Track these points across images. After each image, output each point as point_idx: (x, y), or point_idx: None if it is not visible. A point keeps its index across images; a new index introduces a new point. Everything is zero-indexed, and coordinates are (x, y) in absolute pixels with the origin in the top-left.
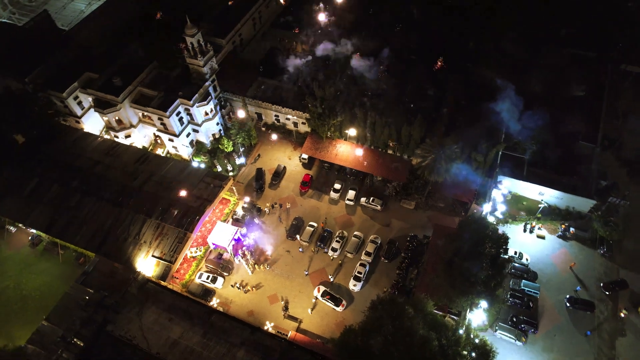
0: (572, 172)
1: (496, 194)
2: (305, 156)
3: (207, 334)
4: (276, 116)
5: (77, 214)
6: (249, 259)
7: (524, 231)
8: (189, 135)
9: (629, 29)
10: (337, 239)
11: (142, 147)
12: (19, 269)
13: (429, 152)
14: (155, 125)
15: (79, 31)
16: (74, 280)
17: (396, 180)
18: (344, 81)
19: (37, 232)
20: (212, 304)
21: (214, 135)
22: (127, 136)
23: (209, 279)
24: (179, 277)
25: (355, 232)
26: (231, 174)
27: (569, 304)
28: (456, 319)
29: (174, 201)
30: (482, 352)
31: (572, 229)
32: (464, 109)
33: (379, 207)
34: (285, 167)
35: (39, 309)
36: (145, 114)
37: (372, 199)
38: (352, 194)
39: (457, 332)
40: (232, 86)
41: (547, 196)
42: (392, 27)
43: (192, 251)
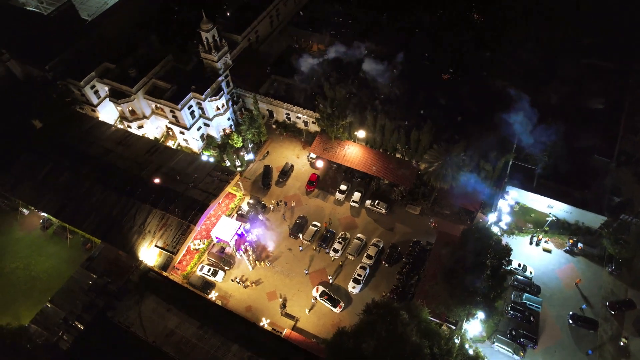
0: (584, 186)
1: (502, 204)
2: (313, 155)
3: (204, 326)
4: (287, 114)
5: (86, 201)
6: (250, 254)
7: (530, 244)
8: (199, 128)
9: None
10: (339, 240)
11: (154, 138)
12: (29, 251)
13: (436, 158)
14: (167, 117)
15: (100, 22)
16: (79, 264)
17: (403, 184)
18: (356, 83)
19: (48, 216)
20: (211, 297)
21: (224, 130)
22: (140, 127)
23: (210, 272)
24: (180, 269)
25: (358, 235)
26: (239, 169)
27: (571, 321)
28: (453, 327)
29: (180, 193)
30: None
31: (580, 245)
32: (475, 117)
33: (384, 211)
34: (292, 166)
35: (45, 290)
36: (158, 105)
37: (377, 202)
38: (357, 195)
39: (451, 341)
40: (246, 82)
41: (556, 209)
42: (410, 32)
43: (196, 243)
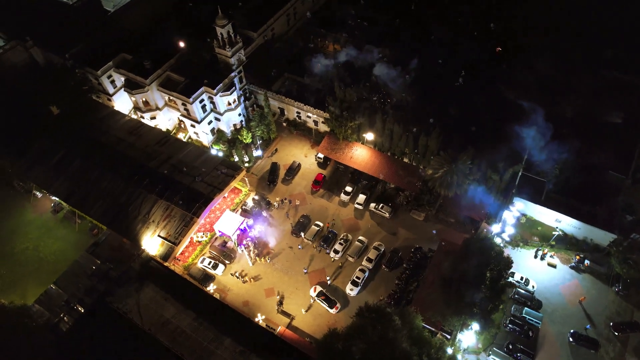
0: (596, 202)
1: (507, 215)
2: (321, 155)
3: (199, 318)
4: (298, 113)
5: (95, 187)
6: (251, 250)
7: (535, 257)
8: (210, 122)
9: None
10: (340, 241)
11: (166, 129)
12: (39, 233)
13: (442, 164)
14: (179, 110)
15: (122, 14)
16: (85, 249)
17: (408, 189)
18: (367, 87)
19: (58, 200)
20: (210, 290)
21: (235, 125)
22: (153, 118)
23: (210, 264)
24: (182, 259)
25: (359, 237)
26: (247, 165)
27: (572, 339)
28: (448, 337)
29: (186, 185)
30: None
31: (587, 262)
32: (486, 127)
33: (388, 215)
34: (300, 164)
35: (52, 272)
36: (170, 98)
37: (381, 205)
38: (362, 198)
39: (442, 351)
40: (259, 79)
41: (564, 224)
42: (424, 40)
43: (198, 236)
